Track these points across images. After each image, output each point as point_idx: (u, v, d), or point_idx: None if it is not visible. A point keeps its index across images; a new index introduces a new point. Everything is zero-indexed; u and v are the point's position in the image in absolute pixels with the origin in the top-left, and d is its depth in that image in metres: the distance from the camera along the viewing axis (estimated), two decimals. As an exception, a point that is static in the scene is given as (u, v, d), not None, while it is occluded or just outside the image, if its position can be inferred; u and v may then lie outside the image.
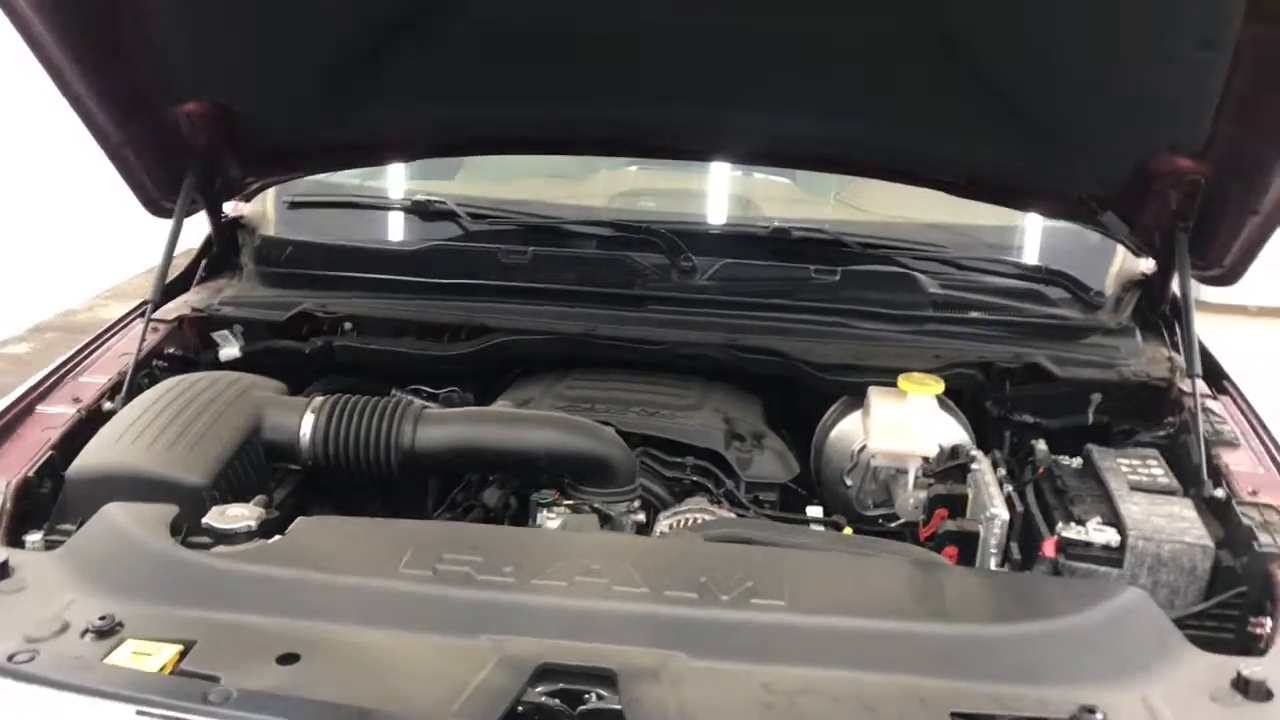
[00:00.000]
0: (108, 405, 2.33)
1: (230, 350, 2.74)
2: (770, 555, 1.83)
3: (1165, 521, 2.03)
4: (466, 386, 2.80)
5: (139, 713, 1.38)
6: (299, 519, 1.87)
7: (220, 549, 1.76)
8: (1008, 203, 2.66)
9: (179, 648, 1.55)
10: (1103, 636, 1.63)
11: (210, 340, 2.76)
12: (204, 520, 1.81)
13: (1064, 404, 2.60)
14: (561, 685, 1.52)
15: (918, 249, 2.81)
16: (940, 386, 2.41)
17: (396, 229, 3.01)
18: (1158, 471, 2.22)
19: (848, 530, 2.32)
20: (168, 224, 2.64)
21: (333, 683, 1.51)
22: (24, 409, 2.28)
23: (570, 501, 2.24)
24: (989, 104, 2.36)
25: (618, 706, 1.47)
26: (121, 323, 2.68)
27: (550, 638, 1.58)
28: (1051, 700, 1.52)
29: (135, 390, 2.34)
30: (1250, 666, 1.57)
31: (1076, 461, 2.33)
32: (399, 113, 2.65)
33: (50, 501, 2.05)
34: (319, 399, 2.29)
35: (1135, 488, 2.15)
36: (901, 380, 2.41)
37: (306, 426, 2.23)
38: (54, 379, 2.41)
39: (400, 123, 2.70)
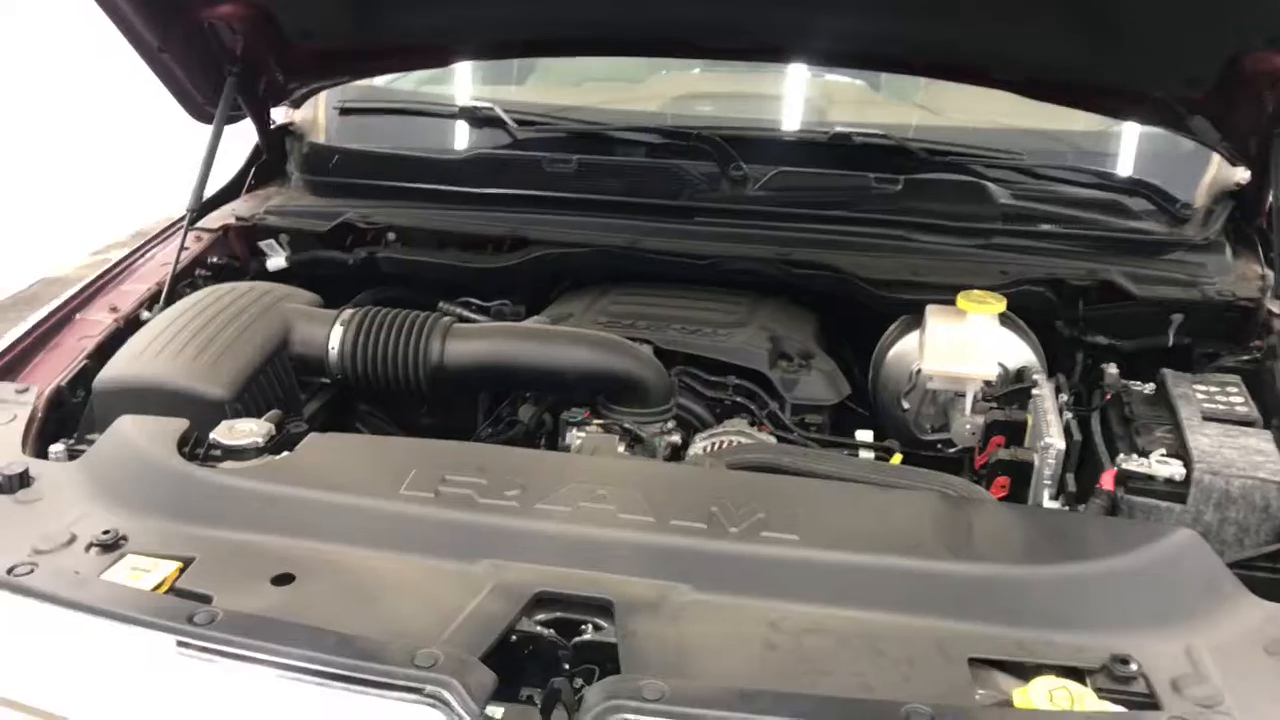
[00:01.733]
0: (145, 315, 2.32)
1: (277, 260, 2.71)
2: (788, 486, 1.72)
3: (1237, 454, 1.87)
4: (517, 299, 2.73)
5: (179, 642, 1.35)
6: (310, 435, 1.83)
7: (227, 465, 1.73)
8: (1085, 105, 2.45)
9: (178, 565, 1.53)
10: (1146, 580, 1.50)
11: (258, 250, 2.73)
12: (211, 435, 1.78)
13: (1142, 324, 2.42)
14: (558, 614, 1.47)
15: (990, 156, 2.62)
16: (1002, 305, 2.25)
17: (445, 136, 2.92)
18: (1237, 400, 2.05)
19: (896, 458, 2.21)
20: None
21: (324, 605, 1.47)
22: (63, 317, 2.29)
23: (601, 421, 2.17)
24: None
25: (613, 640, 1.40)
26: (167, 231, 2.67)
27: (549, 565, 1.51)
28: (1085, 647, 1.41)
29: (173, 300, 2.33)
30: None
31: (1150, 387, 2.17)
32: (443, 14, 2.55)
33: (83, 411, 2.05)
34: (348, 312, 2.24)
35: (1209, 417, 1.99)
36: (960, 298, 2.26)
37: (335, 340, 2.19)
38: (95, 287, 2.41)
39: (445, 25, 2.59)
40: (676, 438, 2.20)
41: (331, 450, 1.79)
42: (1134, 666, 1.36)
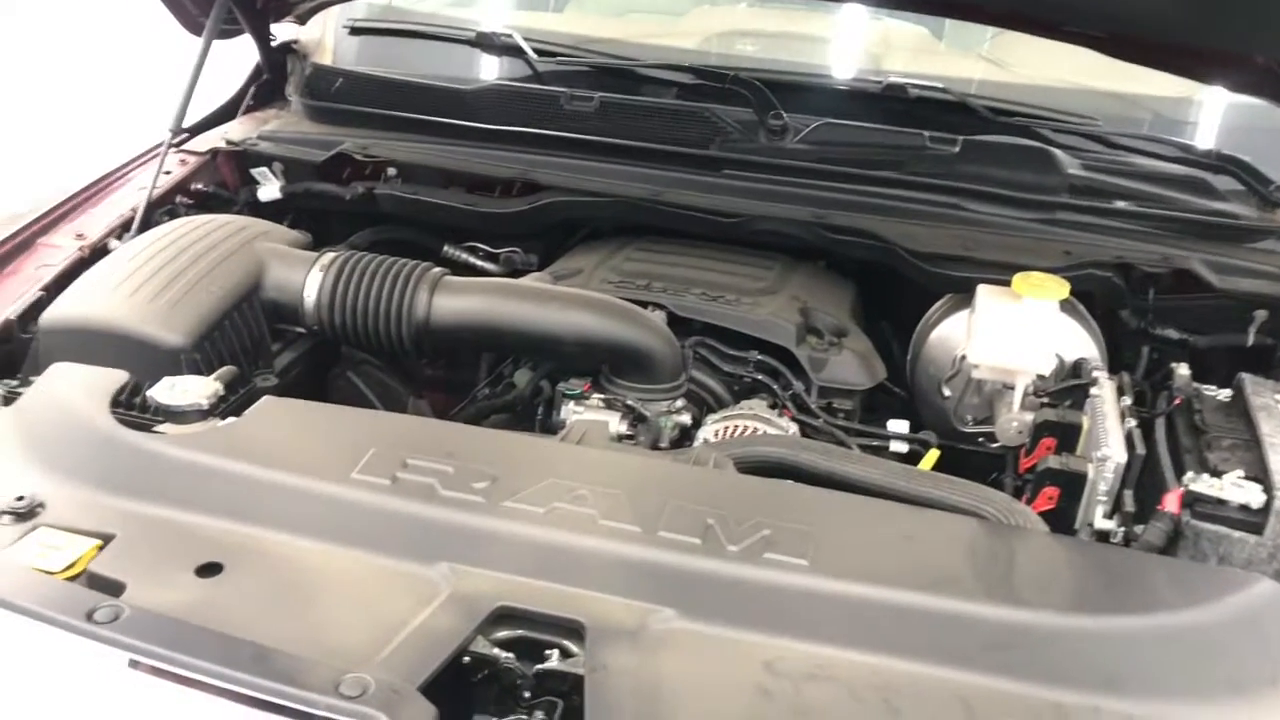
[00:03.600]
0: (114, 244, 2.12)
1: (270, 190, 2.49)
2: (801, 496, 1.49)
3: None
4: (529, 248, 2.49)
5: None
6: (264, 399, 1.62)
7: (165, 428, 1.52)
8: (1173, 68, 2.14)
9: (96, 543, 1.34)
10: (1218, 640, 1.27)
11: (250, 178, 2.51)
12: (149, 393, 1.57)
13: (1220, 319, 2.16)
14: (521, 633, 1.26)
15: (1062, 120, 2.33)
16: (1064, 290, 1.98)
17: (459, 65, 2.66)
18: (1325, 416, 1.79)
19: (931, 455, 1.97)
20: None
21: (251, 604, 1.28)
22: (24, 240, 2.11)
23: (603, 395, 1.95)
24: None
25: (581, 671, 1.19)
26: (151, 152, 2.44)
27: (514, 575, 1.30)
28: (1136, 718, 1.18)
29: (146, 229, 2.12)
30: None
31: (1225, 394, 1.91)
32: None
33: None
34: (329, 255, 2.02)
35: None
36: (1017, 280, 2.00)
37: (312, 286, 1.97)
38: (63, 210, 2.21)
39: None
40: (686, 418, 1.98)
41: (284, 419, 1.57)
42: None
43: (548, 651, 1.25)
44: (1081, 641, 1.25)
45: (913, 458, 1.97)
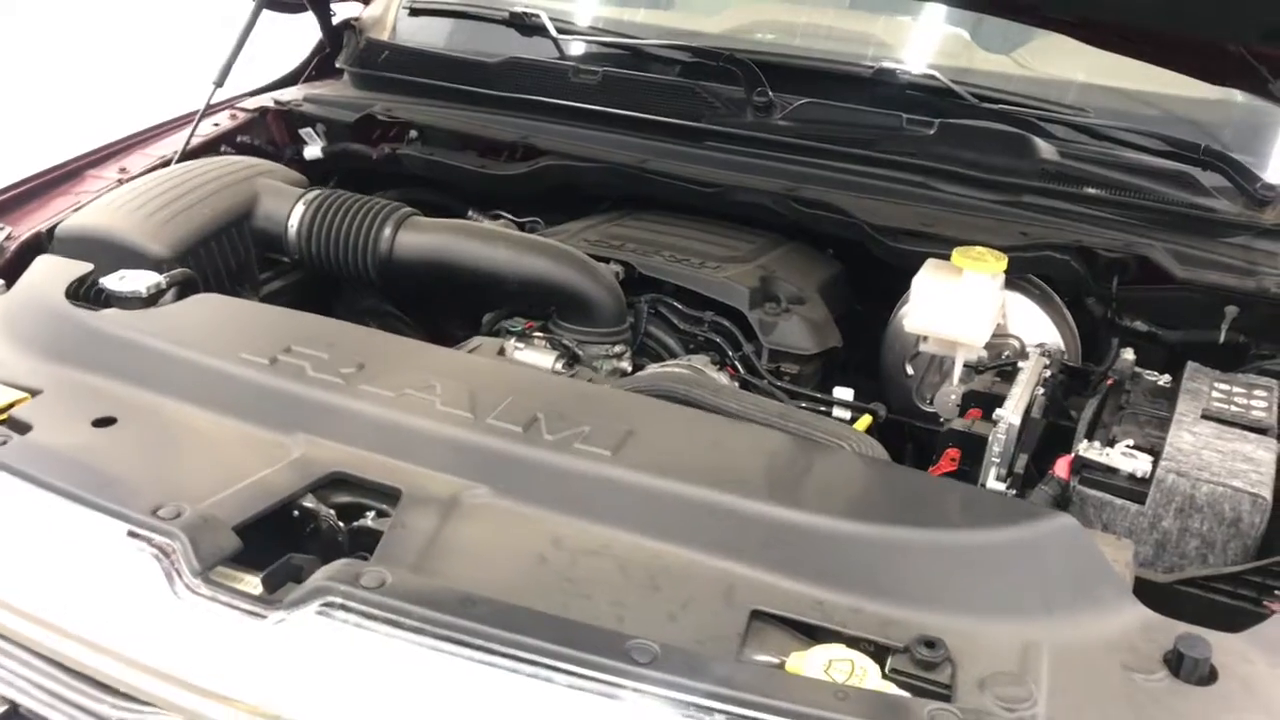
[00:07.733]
0: None
1: (314, 150, 2.71)
2: (641, 406, 1.57)
3: (1218, 459, 1.60)
4: (553, 219, 2.63)
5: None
6: (198, 295, 1.81)
7: (107, 311, 1.72)
8: (1145, 55, 2.12)
9: (25, 395, 1.55)
10: (994, 562, 1.30)
11: (298, 137, 2.74)
12: (101, 281, 1.78)
13: (1191, 314, 2.12)
14: (347, 497, 1.40)
15: (1046, 109, 2.33)
16: (1002, 264, 1.99)
17: (492, 41, 2.83)
18: (1260, 404, 1.76)
19: (865, 420, 2.01)
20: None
21: (126, 451, 1.46)
22: (74, 169, 2.36)
23: (544, 335, 2.07)
24: None
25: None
26: (218, 108, 2.69)
27: (354, 447, 1.44)
28: (897, 622, 1.23)
29: None
30: (1198, 641, 1.19)
31: (1165, 379, 1.90)
32: None
33: None
34: (314, 191, 2.20)
35: (1209, 416, 1.72)
36: (957, 254, 2.02)
37: (295, 217, 2.16)
38: (117, 148, 2.47)
39: None
40: (625, 364, 2.07)
41: (207, 310, 1.76)
42: (941, 652, 1.17)
43: (367, 513, 1.38)
44: (852, 546, 1.30)
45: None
